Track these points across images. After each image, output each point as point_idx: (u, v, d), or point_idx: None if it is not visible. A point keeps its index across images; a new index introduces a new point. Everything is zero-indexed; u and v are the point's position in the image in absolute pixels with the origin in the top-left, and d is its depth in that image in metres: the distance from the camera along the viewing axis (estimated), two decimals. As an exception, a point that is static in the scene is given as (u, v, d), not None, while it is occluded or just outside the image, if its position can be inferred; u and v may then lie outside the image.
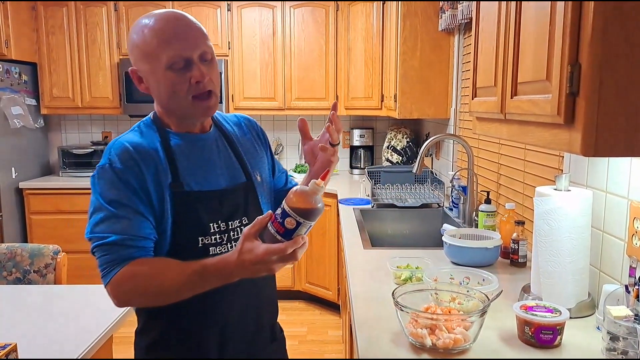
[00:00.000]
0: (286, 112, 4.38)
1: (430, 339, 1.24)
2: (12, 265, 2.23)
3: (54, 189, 4.10)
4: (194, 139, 1.28)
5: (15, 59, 3.98)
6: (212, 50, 1.22)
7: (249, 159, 1.36)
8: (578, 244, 1.43)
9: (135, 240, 1.15)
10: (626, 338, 1.19)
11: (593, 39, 0.91)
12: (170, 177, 1.21)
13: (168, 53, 1.15)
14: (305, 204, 1.04)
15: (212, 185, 1.26)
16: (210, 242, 1.23)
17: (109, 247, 1.14)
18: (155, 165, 1.20)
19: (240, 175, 1.32)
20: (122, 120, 4.68)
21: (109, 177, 1.16)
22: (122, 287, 1.13)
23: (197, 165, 1.26)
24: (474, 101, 1.57)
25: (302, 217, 1.04)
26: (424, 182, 3.31)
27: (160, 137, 1.24)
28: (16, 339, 1.44)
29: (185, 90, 1.18)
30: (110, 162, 1.17)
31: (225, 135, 1.35)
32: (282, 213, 1.05)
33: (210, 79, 1.19)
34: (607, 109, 0.92)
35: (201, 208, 1.23)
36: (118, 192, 1.15)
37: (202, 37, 1.19)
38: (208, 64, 1.20)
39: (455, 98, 3.18)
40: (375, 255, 2.08)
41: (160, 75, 1.17)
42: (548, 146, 1.10)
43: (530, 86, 1.16)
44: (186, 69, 1.17)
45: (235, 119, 1.43)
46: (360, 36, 4.06)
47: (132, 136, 1.23)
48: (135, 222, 1.15)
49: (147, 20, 1.18)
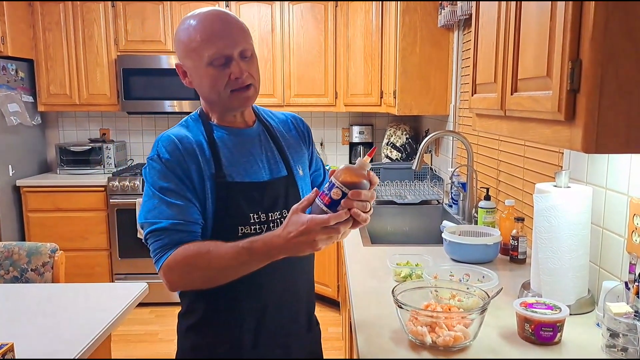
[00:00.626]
0: (285, 109, 4.35)
1: (430, 337, 1.23)
2: (10, 264, 2.22)
3: (52, 186, 4.08)
4: (237, 133, 1.35)
5: (12, 56, 3.96)
6: (252, 48, 1.29)
7: (292, 154, 1.42)
8: (578, 241, 1.42)
9: (185, 225, 1.22)
10: (626, 335, 1.19)
11: (594, 35, 0.90)
12: (214, 168, 1.28)
13: (210, 51, 1.23)
14: (351, 176, 1.11)
15: (253, 177, 1.32)
16: (250, 231, 1.29)
17: (161, 232, 1.21)
18: (199, 156, 1.27)
19: (282, 169, 1.38)
20: (119, 117, 4.66)
21: (159, 167, 1.25)
22: (174, 270, 1.20)
23: (239, 157, 1.32)
24: (474, 98, 1.56)
25: (347, 188, 1.09)
26: (423, 179, 3.31)
27: (205, 130, 1.32)
28: (13, 338, 1.44)
29: (224, 85, 1.25)
30: (158, 154, 1.26)
31: (268, 130, 1.41)
32: (330, 186, 1.11)
33: (249, 74, 1.27)
34: (608, 106, 0.92)
35: (242, 198, 1.29)
36: (167, 181, 1.24)
37: (242, 36, 1.27)
38: (248, 61, 1.28)
39: (454, 94, 3.17)
40: (375, 253, 2.08)
41: (202, 71, 1.25)
42: (549, 143, 1.09)
43: (531, 82, 1.15)
44: (226, 66, 1.24)
45: (283, 116, 1.50)
46: (359, 32, 4.05)
47: (179, 130, 1.32)
48: (185, 208, 1.23)
49: (192, 19, 1.26)
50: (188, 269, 1.20)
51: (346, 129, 4.73)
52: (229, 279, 1.21)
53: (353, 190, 1.10)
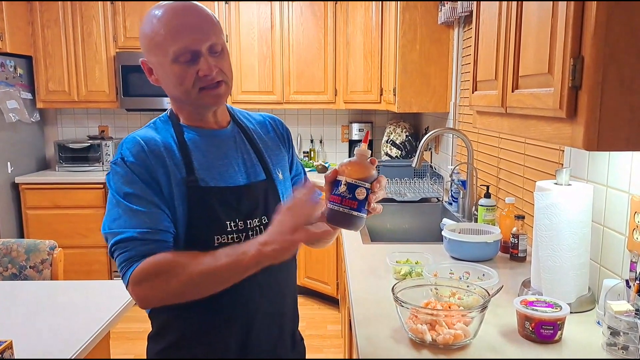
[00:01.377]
0: (284, 106, 4.36)
1: (430, 335, 1.23)
2: (8, 261, 2.21)
3: (50, 183, 4.07)
4: (210, 134, 1.25)
5: (11, 52, 3.95)
6: (222, 42, 1.19)
7: (271, 157, 1.32)
8: (579, 239, 1.42)
9: (154, 233, 1.11)
10: (627, 333, 1.18)
11: (596, 32, 0.89)
12: (185, 172, 1.18)
13: (175, 46, 1.12)
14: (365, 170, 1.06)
15: (228, 181, 1.22)
16: (227, 241, 1.19)
17: (127, 243, 1.10)
18: (167, 159, 1.17)
19: (260, 173, 1.28)
20: (118, 114, 4.65)
21: (123, 172, 1.15)
22: (144, 283, 1.08)
23: (213, 160, 1.22)
24: (475, 95, 1.56)
25: (367, 182, 1.05)
26: (423, 177, 3.30)
27: (175, 131, 1.22)
28: (12, 335, 1.43)
29: (192, 83, 1.15)
30: (122, 157, 1.16)
31: (244, 131, 1.31)
32: (348, 188, 1.05)
33: (220, 70, 1.17)
34: (611, 103, 0.91)
35: (217, 205, 1.18)
36: (132, 186, 1.13)
37: (211, 29, 1.16)
38: (218, 56, 1.17)
39: (454, 92, 3.16)
40: (375, 250, 2.07)
41: (167, 67, 1.15)
42: (550, 140, 1.08)
43: (532, 79, 1.14)
44: (194, 62, 1.14)
45: (260, 117, 1.40)
46: (359, 29, 4.04)
47: (146, 131, 1.22)
48: (153, 215, 1.12)
49: (157, 11, 1.15)
50: (159, 281, 1.07)
51: (346, 126, 4.72)
52: (208, 291, 1.09)
53: (375, 182, 1.06)
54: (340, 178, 1.06)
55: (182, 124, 1.24)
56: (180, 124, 1.24)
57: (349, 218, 1.06)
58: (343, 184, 1.06)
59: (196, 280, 1.06)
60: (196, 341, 1.23)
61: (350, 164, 1.08)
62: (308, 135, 4.75)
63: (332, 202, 1.07)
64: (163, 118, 1.27)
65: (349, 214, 1.05)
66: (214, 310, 1.20)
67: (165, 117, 1.27)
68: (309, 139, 4.74)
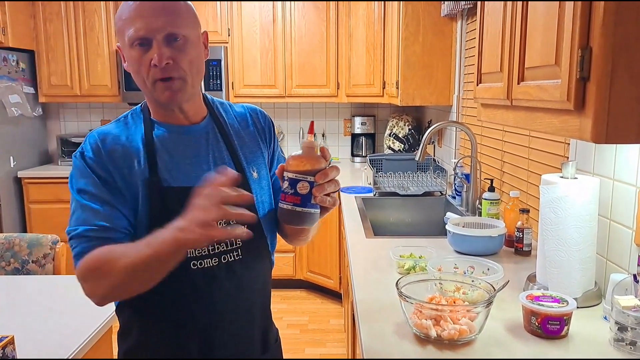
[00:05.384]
0: (287, 100, 4.34)
1: (435, 330, 1.22)
2: (11, 256, 2.21)
3: (53, 177, 4.07)
4: (180, 131, 1.19)
5: (13, 47, 3.94)
6: (186, 34, 1.11)
7: (246, 154, 1.26)
8: (585, 233, 1.40)
9: (101, 231, 1.08)
10: (634, 328, 1.17)
11: (605, 22, 0.87)
12: (147, 172, 1.13)
13: (130, 30, 1.09)
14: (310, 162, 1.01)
15: (194, 181, 1.12)
16: None
17: (78, 239, 1.09)
18: (130, 159, 1.14)
19: None
20: (121, 109, 4.64)
21: (80, 166, 1.13)
22: (87, 279, 1.07)
23: (180, 159, 1.17)
24: (479, 87, 1.54)
25: (312, 174, 1.00)
26: (426, 170, 3.28)
27: (145, 127, 1.18)
28: (14, 330, 1.43)
29: (146, 71, 1.11)
30: (82, 152, 1.14)
31: (220, 127, 1.25)
32: (290, 183, 1.01)
33: (174, 64, 1.09)
34: (619, 95, 0.89)
35: (180, 206, 1.07)
36: (86, 181, 1.11)
37: (173, 18, 1.09)
38: (176, 47, 1.10)
39: (457, 85, 3.14)
40: (378, 244, 2.06)
41: (127, 52, 1.12)
42: (557, 133, 1.06)
43: (539, 71, 1.12)
44: (147, 49, 1.09)
45: (242, 110, 1.33)
46: (361, 22, 4.01)
47: (113, 127, 1.19)
48: (102, 212, 1.09)
49: None
50: (100, 276, 1.05)
51: (348, 119, 4.70)
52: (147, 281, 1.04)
53: (319, 174, 1.01)
54: (285, 174, 1.03)
55: (153, 119, 1.20)
56: (151, 119, 1.20)
57: (294, 214, 1.02)
58: (286, 179, 1.02)
59: (130, 272, 1.02)
60: (158, 341, 1.19)
61: (293, 157, 1.03)
62: (311, 129, 4.72)
63: (280, 200, 1.04)
64: (135, 111, 1.23)
65: (292, 210, 1.02)
66: (173, 309, 1.16)
67: (137, 110, 1.23)
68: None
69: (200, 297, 1.12)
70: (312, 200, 1.02)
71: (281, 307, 3.82)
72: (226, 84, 4.20)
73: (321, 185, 1.03)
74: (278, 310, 3.61)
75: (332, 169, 1.05)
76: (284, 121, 4.70)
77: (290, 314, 3.75)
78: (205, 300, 1.16)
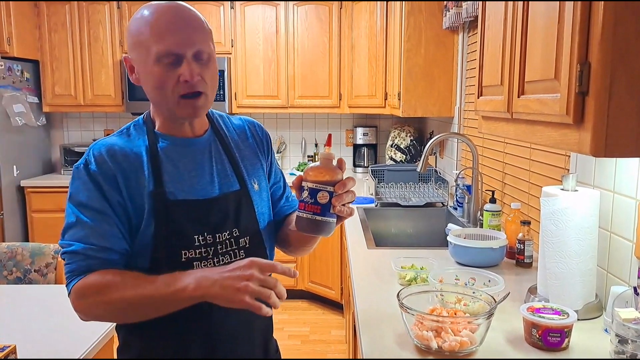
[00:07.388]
0: (289, 110, 4.36)
1: (436, 342, 1.22)
2: (13, 265, 2.22)
3: (56, 187, 4.08)
4: (184, 143, 1.20)
5: (18, 57, 3.97)
6: (210, 50, 1.13)
7: (247, 166, 1.27)
8: (586, 245, 1.41)
9: (97, 251, 1.09)
10: (635, 341, 1.17)
11: (603, 37, 0.89)
12: (153, 185, 1.13)
13: (159, 46, 1.07)
14: (329, 173, 1.06)
15: (199, 193, 1.16)
16: (194, 255, 1.14)
17: (72, 255, 1.09)
18: (135, 171, 1.13)
19: (234, 183, 1.22)
20: (124, 118, 4.66)
21: (82, 178, 1.11)
22: (82, 299, 1.08)
23: (184, 172, 1.17)
24: (480, 100, 1.55)
25: (332, 185, 1.04)
26: (428, 181, 3.29)
27: (149, 139, 1.18)
28: (16, 339, 1.43)
29: (172, 87, 1.10)
30: (86, 163, 1.12)
31: (221, 140, 1.26)
32: (311, 193, 1.04)
33: (202, 79, 1.11)
34: (618, 109, 0.90)
35: (185, 218, 1.13)
36: (88, 195, 1.10)
37: (200, 35, 1.11)
38: (203, 64, 1.12)
39: (459, 96, 3.16)
40: (379, 255, 2.06)
41: (149, 67, 1.10)
42: (556, 146, 1.07)
43: (538, 85, 1.14)
44: (176, 66, 1.09)
45: (240, 122, 1.34)
46: (364, 34, 4.04)
47: (116, 139, 1.18)
48: (101, 230, 1.09)
49: (147, 9, 1.12)
50: (98, 300, 1.06)
51: (350, 130, 4.72)
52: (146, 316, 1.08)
53: (338, 184, 1.05)
54: (303, 184, 1.06)
55: (157, 132, 1.20)
56: (154, 131, 1.20)
57: (314, 223, 1.06)
58: (305, 189, 1.06)
59: (134, 304, 1.05)
60: (158, 355, 1.19)
61: (312, 168, 1.07)
62: (312, 140, 4.75)
63: (298, 210, 1.07)
64: (138, 123, 1.22)
65: (312, 219, 1.05)
66: (174, 324, 1.15)
67: (140, 121, 1.22)
68: (314, 143, 4.74)
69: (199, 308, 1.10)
70: (331, 209, 1.06)
71: (282, 317, 3.81)
72: (229, 95, 4.22)
73: (340, 195, 1.06)
74: (279, 320, 3.60)
75: (349, 180, 1.09)
76: (286, 132, 4.72)
77: (292, 324, 3.74)
78: (204, 310, 1.15)
